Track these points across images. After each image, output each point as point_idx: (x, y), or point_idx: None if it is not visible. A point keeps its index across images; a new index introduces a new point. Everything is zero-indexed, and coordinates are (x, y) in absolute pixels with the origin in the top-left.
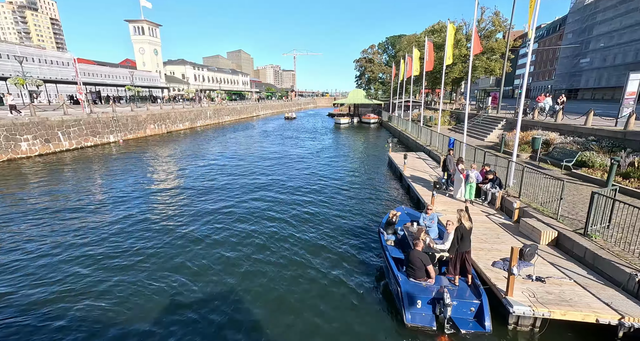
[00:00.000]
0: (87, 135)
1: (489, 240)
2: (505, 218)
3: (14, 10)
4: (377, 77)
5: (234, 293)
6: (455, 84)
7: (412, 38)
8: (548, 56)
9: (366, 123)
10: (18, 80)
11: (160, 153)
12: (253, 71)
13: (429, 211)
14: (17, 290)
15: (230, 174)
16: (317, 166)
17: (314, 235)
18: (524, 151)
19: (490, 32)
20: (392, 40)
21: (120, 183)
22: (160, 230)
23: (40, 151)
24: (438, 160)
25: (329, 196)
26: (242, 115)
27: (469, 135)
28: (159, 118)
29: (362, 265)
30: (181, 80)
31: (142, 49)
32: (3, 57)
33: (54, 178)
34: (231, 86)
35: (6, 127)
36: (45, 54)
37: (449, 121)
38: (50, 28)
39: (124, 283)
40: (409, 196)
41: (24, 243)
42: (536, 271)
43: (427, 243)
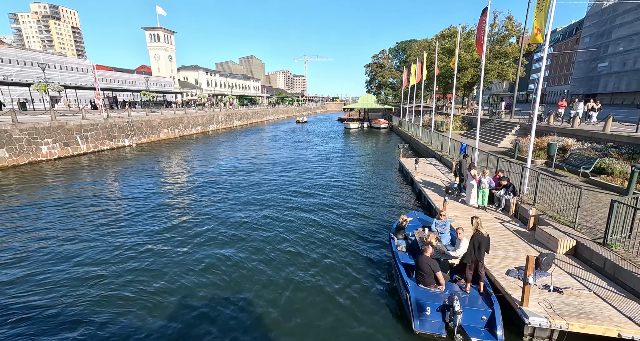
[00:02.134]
0: (103, 139)
1: (502, 247)
2: (520, 225)
3: (39, 20)
4: (387, 82)
5: (242, 294)
6: (467, 89)
7: (423, 43)
8: (564, 60)
9: (376, 128)
10: (40, 86)
11: (173, 156)
12: (264, 76)
13: (441, 217)
14: (33, 282)
15: (240, 178)
16: (327, 170)
17: (323, 239)
18: (539, 157)
19: (504, 37)
20: (403, 46)
21: (133, 186)
22: (171, 231)
23: (60, 154)
24: (449, 165)
25: (338, 200)
26: (252, 119)
27: (482, 141)
28: (172, 123)
29: (372, 270)
30: (194, 85)
31: (157, 55)
32: (27, 64)
33: (71, 181)
34: (243, 91)
35: (28, 131)
36: (66, 61)
37: (461, 126)
38: (72, 36)
39: (134, 282)
40: (420, 201)
41: (42, 241)
42: (553, 281)
43: (438, 249)
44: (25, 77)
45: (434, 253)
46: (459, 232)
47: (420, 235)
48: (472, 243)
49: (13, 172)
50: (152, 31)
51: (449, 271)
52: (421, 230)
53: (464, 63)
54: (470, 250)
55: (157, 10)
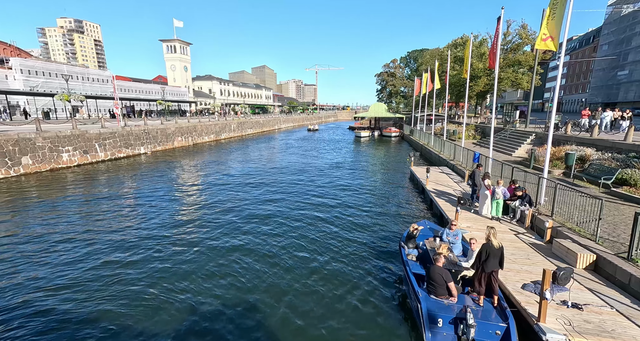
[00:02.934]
0: (120, 146)
1: (518, 260)
2: (536, 238)
3: (64, 34)
4: (398, 91)
5: (250, 297)
6: (480, 98)
7: (434, 52)
8: (581, 69)
9: (387, 137)
10: (63, 96)
11: (187, 164)
12: (276, 86)
13: (453, 227)
14: (48, 283)
15: (252, 185)
16: (337, 179)
17: (333, 247)
18: (556, 167)
19: (518, 45)
20: (415, 55)
21: (148, 192)
22: (183, 235)
23: (79, 161)
24: (462, 174)
25: (348, 208)
26: (264, 128)
27: (496, 150)
28: (186, 131)
29: (381, 279)
30: (208, 94)
31: (173, 66)
32: (52, 75)
33: (90, 187)
34: (255, 100)
35: (50, 139)
36: (88, 72)
37: (474, 135)
38: (94, 48)
39: (146, 285)
40: (432, 211)
41: (59, 244)
42: (572, 297)
43: (450, 259)
44: (50, 87)
45: (446, 263)
46: (472, 242)
47: (431, 244)
48: (479, 253)
49: (35, 178)
50: (169, 43)
51: (460, 282)
52: (432, 240)
53: (477, 71)
54: (476, 260)
55: (174, 23)
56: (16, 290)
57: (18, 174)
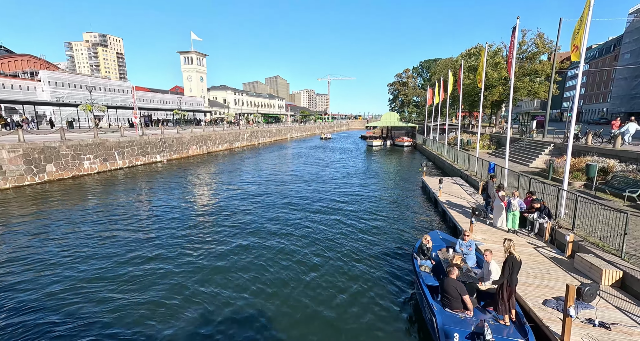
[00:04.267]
0: (138, 155)
1: (537, 275)
2: (557, 252)
3: (89, 47)
4: (411, 100)
5: (261, 309)
6: (495, 107)
7: (447, 61)
8: (602, 78)
9: (399, 146)
10: (87, 106)
11: (201, 172)
12: (289, 95)
13: (466, 237)
14: (65, 285)
15: (263, 193)
16: (349, 188)
17: (344, 257)
18: (577, 179)
19: (534, 54)
20: (427, 65)
21: (163, 198)
22: (195, 242)
23: (99, 169)
24: (476, 185)
25: (359, 218)
26: (276, 137)
27: (512, 160)
28: (201, 140)
29: (393, 291)
30: (222, 104)
31: (190, 76)
32: (77, 87)
33: (108, 193)
34: (268, 110)
35: (73, 148)
36: (110, 84)
37: (489, 145)
38: (116, 61)
39: (160, 289)
40: (445, 222)
41: (77, 247)
42: (598, 315)
43: (464, 271)
44: (74, 98)
45: (460, 275)
46: (487, 254)
47: (444, 255)
48: (506, 266)
49: (57, 184)
50: (186, 55)
51: (475, 295)
52: (445, 251)
53: (491, 81)
54: (506, 274)
55: (192, 36)
56: (35, 289)
57: (42, 181)
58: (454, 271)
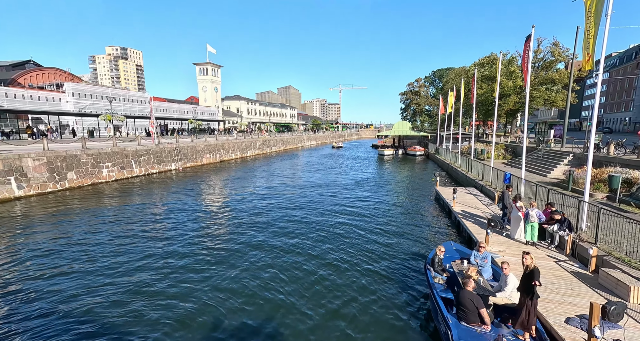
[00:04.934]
0: (153, 163)
1: (559, 290)
2: (579, 266)
3: (111, 60)
4: (423, 109)
5: (272, 316)
6: (510, 116)
7: (460, 71)
8: (623, 86)
9: (412, 156)
10: (107, 116)
11: (214, 180)
12: (300, 105)
13: (481, 249)
14: (82, 288)
15: (274, 202)
16: (360, 197)
17: (355, 267)
18: (599, 190)
19: (550, 63)
20: (440, 74)
21: (177, 205)
22: (207, 249)
23: (117, 177)
24: (491, 196)
25: (371, 227)
26: (288, 145)
27: (528, 171)
28: (214, 149)
29: (406, 302)
30: (236, 113)
31: (205, 87)
32: (98, 98)
33: (125, 200)
34: (280, 119)
35: (93, 156)
36: (129, 94)
37: (504, 155)
38: (135, 73)
39: (175, 294)
40: (459, 233)
41: (95, 251)
42: (627, 336)
43: (480, 283)
44: (96, 108)
45: (476, 287)
46: (504, 267)
47: (459, 267)
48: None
49: (78, 191)
50: (201, 66)
51: (491, 308)
52: (459, 262)
53: (506, 90)
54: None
55: (208, 48)
56: (53, 292)
57: (64, 188)
58: (469, 283)
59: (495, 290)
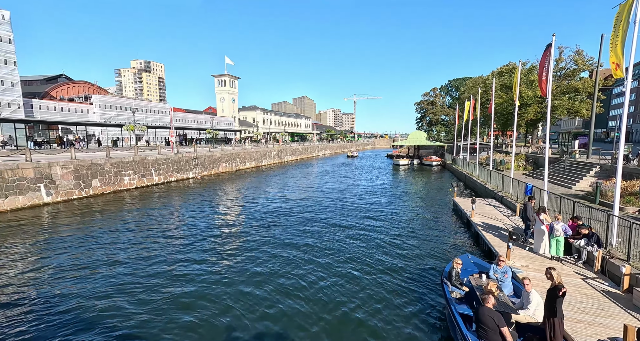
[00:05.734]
0: (172, 171)
1: (588, 310)
2: (610, 285)
3: (135, 73)
4: (439, 119)
5: (286, 327)
6: (530, 126)
7: (478, 80)
8: None
9: (428, 166)
10: (130, 126)
11: (231, 188)
12: (315, 115)
13: (501, 263)
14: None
15: (288, 211)
16: (375, 206)
17: (369, 277)
18: (630, 204)
19: (572, 72)
20: (456, 83)
21: (195, 213)
22: (225, 254)
23: (137, 184)
24: (512, 207)
25: (386, 237)
26: (302, 155)
27: (551, 182)
28: (230, 158)
29: (422, 317)
30: (252, 123)
31: (222, 98)
32: (122, 109)
33: (145, 207)
34: (294, 128)
35: (116, 165)
36: (151, 105)
37: (525, 165)
38: (157, 85)
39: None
40: (478, 246)
41: (116, 255)
42: None
43: (500, 300)
44: (120, 119)
45: (496, 304)
46: (526, 282)
47: (477, 281)
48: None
49: (101, 198)
50: (220, 77)
51: (514, 326)
52: (477, 276)
53: (526, 99)
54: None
55: (226, 60)
56: (76, 294)
57: (88, 195)
58: (489, 299)
59: (517, 307)
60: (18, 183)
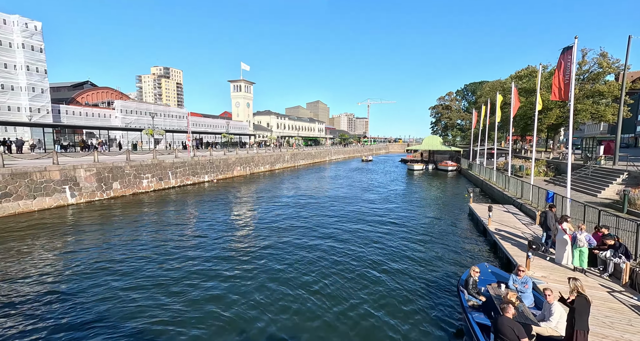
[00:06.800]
0: (188, 175)
1: (615, 325)
2: (639, 299)
3: (154, 79)
4: (454, 124)
5: (298, 334)
6: (551, 131)
7: (495, 84)
8: None
9: (443, 171)
10: (149, 131)
11: (245, 191)
12: (328, 119)
13: (520, 273)
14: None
15: (300, 216)
16: (389, 212)
17: (383, 284)
18: None
19: (597, 75)
20: (473, 87)
21: (211, 215)
22: (234, 257)
23: (155, 187)
24: (532, 215)
25: (400, 245)
26: (315, 159)
27: (575, 189)
28: (245, 162)
29: (438, 326)
30: (266, 128)
31: (237, 103)
32: (142, 114)
33: (163, 208)
34: (308, 133)
35: (136, 168)
36: (169, 110)
37: (545, 171)
38: (175, 90)
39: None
40: (495, 254)
41: (134, 254)
42: None
43: (520, 310)
44: (139, 123)
45: (516, 315)
46: (547, 293)
47: (496, 291)
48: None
49: (120, 200)
50: (235, 83)
51: (534, 339)
52: (496, 286)
53: (547, 103)
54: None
55: (242, 66)
56: (95, 294)
57: (109, 197)
58: (509, 309)
59: (538, 318)
60: (45, 184)
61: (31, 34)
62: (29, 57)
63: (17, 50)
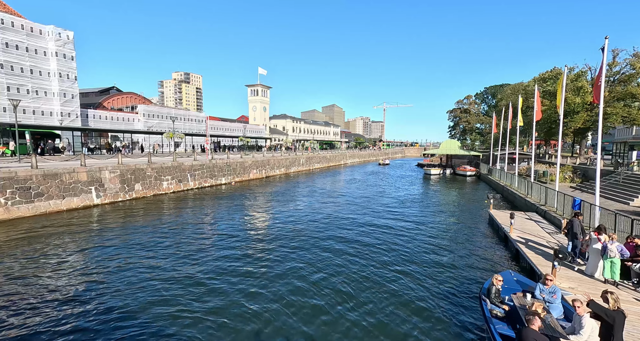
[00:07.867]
0: (206, 177)
1: None
2: None
3: (175, 84)
4: (473, 128)
5: (319, 335)
6: (578, 135)
7: (517, 87)
8: None
9: (461, 176)
10: (169, 134)
11: (261, 194)
12: (344, 123)
13: (548, 282)
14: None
15: (316, 219)
16: (406, 217)
17: (401, 292)
18: None
19: (629, 76)
20: (493, 90)
21: (228, 216)
22: (250, 261)
23: (174, 189)
24: (557, 223)
25: (417, 251)
26: (331, 163)
27: (604, 197)
28: (261, 165)
29: (458, 333)
30: (281, 131)
31: (254, 107)
32: (163, 118)
33: (182, 210)
34: (323, 136)
35: (156, 170)
36: (189, 114)
37: (571, 177)
38: (195, 95)
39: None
40: (517, 263)
41: (155, 252)
42: None
43: (547, 322)
44: (161, 127)
45: (543, 327)
46: (577, 305)
47: (521, 301)
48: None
49: (142, 201)
50: (252, 87)
51: None
52: (521, 295)
53: (573, 106)
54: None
55: (259, 71)
56: (111, 288)
57: (131, 198)
58: (535, 321)
59: (567, 332)
60: (74, 185)
61: (64, 43)
62: (62, 65)
63: (50, 58)
